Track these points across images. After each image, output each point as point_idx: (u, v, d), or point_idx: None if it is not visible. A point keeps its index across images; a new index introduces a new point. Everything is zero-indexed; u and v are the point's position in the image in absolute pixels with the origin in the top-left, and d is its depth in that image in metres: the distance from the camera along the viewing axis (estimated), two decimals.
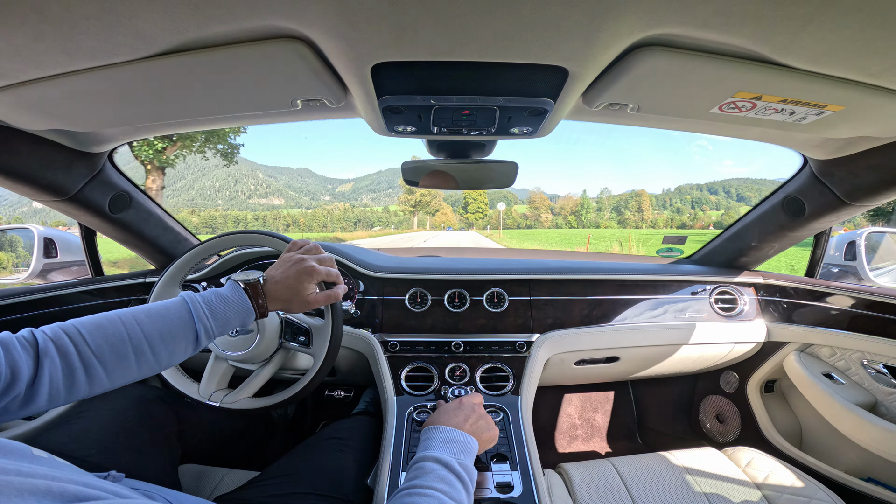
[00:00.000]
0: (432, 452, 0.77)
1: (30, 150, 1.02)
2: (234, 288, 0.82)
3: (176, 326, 0.74)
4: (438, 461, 0.75)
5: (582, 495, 1.13)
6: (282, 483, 0.96)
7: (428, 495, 0.66)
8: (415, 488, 0.68)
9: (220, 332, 0.80)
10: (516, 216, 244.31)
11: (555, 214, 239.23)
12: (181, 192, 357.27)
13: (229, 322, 0.80)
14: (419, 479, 0.71)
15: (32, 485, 0.37)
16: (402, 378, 1.32)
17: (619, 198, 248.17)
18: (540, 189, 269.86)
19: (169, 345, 0.73)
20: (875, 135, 0.95)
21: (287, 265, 0.88)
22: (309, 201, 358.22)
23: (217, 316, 0.78)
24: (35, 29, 0.56)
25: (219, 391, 1.13)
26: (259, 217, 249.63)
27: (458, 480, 0.72)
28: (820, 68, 0.65)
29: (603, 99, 0.81)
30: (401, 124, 0.93)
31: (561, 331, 1.48)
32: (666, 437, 2.06)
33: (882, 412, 1.30)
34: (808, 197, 1.31)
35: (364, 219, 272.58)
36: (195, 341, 0.77)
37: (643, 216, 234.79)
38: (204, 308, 0.77)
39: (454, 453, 0.78)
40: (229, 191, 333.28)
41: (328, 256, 0.93)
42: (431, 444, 0.81)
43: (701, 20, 0.55)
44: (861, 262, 1.67)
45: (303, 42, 0.63)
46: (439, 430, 0.85)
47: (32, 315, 1.29)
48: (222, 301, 0.80)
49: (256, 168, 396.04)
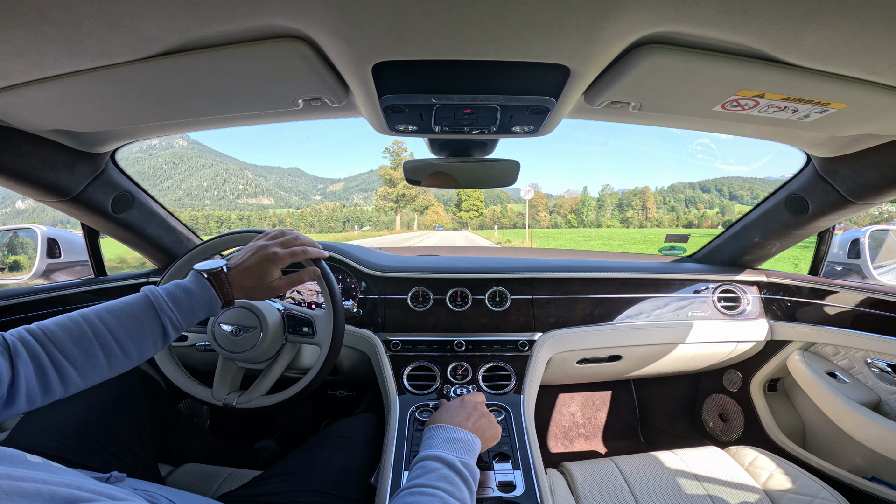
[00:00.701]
0: (435, 451, 0.77)
1: (32, 151, 1.02)
2: (196, 278, 0.83)
3: (141, 322, 0.75)
4: (441, 460, 0.74)
5: (584, 494, 1.12)
6: (286, 481, 0.96)
7: (431, 494, 0.66)
8: (417, 487, 0.68)
9: (188, 324, 0.80)
10: (512, 215, 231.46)
11: (552, 213, 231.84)
12: (168, 192, 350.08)
13: (195, 313, 0.81)
14: (422, 478, 0.71)
15: (21, 488, 0.37)
16: (404, 377, 1.32)
17: (621, 196, 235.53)
18: (537, 186, 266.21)
19: (136, 341, 0.74)
20: (879, 132, 0.95)
21: (250, 253, 0.89)
22: (299, 201, 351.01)
23: (182, 308, 0.79)
24: (37, 30, 0.56)
25: (232, 393, 1.13)
26: (244, 217, 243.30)
27: (460, 480, 0.72)
28: (823, 66, 0.64)
29: (605, 97, 0.81)
30: (402, 123, 0.93)
31: (563, 329, 1.48)
32: (669, 436, 2.06)
33: (886, 411, 1.30)
34: (811, 195, 1.30)
35: (353, 218, 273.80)
36: (163, 335, 0.77)
37: (647, 214, 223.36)
38: (167, 301, 0.78)
39: (457, 452, 0.78)
40: (217, 190, 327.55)
41: (293, 237, 0.94)
42: (434, 443, 0.81)
43: (703, 18, 0.54)
44: (865, 260, 1.66)
45: (304, 41, 0.63)
46: (442, 429, 0.85)
47: (35, 315, 1.30)
48: (185, 293, 0.80)
49: (245, 167, 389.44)
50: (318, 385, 1.10)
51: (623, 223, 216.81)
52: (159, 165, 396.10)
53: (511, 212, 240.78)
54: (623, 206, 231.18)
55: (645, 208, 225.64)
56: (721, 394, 1.90)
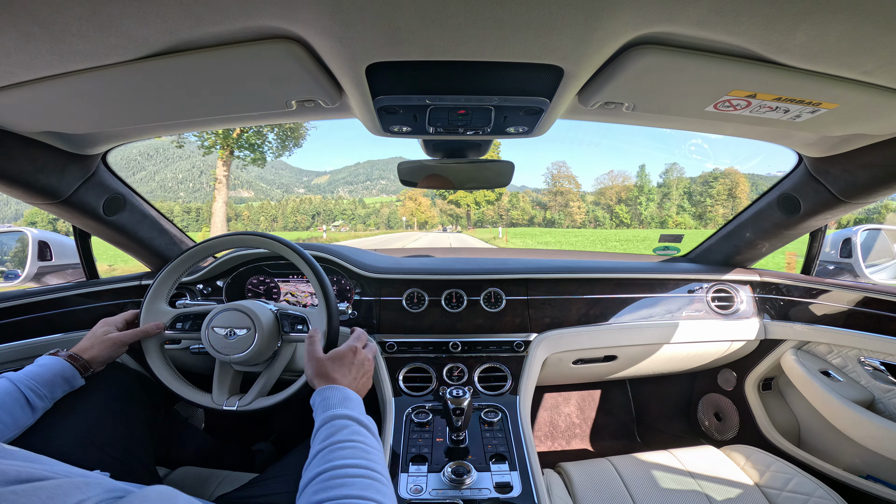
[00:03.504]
0: (340, 410, 0.79)
1: (23, 153, 1.01)
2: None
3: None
4: (349, 418, 0.77)
5: (581, 494, 1.12)
6: (281, 482, 0.96)
7: (352, 447, 0.70)
8: (338, 443, 0.71)
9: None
10: (526, 205, 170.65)
11: (597, 205, 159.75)
12: (140, 185, 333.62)
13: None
14: (338, 433, 0.73)
15: None
16: (399, 379, 1.32)
17: (692, 181, 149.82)
18: (564, 164, 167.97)
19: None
20: (869, 132, 0.96)
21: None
22: (281, 194, 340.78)
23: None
24: (26, 31, 0.55)
25: (232, 396, 1.12)
26: (190, 210, 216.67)
27: (368, 431, 0.76)
28: (814, 66, 0.65)
29: (598, 98, 0.81)
30: (396, 124, 0.93)
31: (558, 330, 1.48)
32: (664, 435, 2.07)
33: (880, 409, 1.30)
34: (803, 195, 1.31)
35: (325, 211, 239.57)
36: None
37: (735, 205, 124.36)
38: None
39: (353, 410, 0.81)
40: (193, 182, 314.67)
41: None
42: (332, 403, 0.82)
43: (695, 19, 0.55)
44: (857, 259, 1.68)
45: (297, 42, 0.63)
46: (335, 390, 0.85)
47: (27, 318, 1.29)
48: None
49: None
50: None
51: (699, 220, 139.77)
52: (133, 157, 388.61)
53: (525, 201, 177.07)
54: (693, 196, 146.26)
55: (733, 197, 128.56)
56: (716, 393, 1.90)
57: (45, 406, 0.90)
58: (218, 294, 1.55)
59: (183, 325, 1.15)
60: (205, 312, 1.12)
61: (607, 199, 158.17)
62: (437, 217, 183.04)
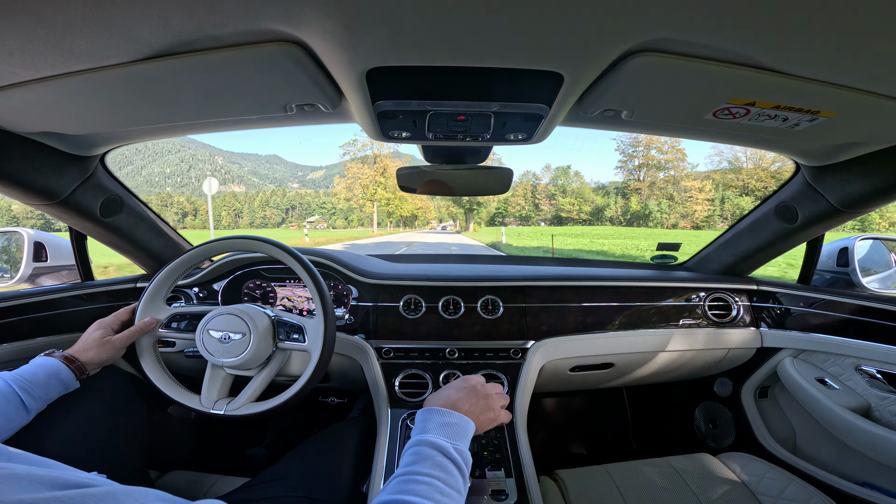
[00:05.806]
0: (429, 437, 0.75)
1: (21, 153, 1.00)
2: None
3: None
4: (435, 446, 0.72)
5: (577, 502, 1.12)
6: (276, 486, 0.95)
7: (426, 483, 0.64)
8: (411, 475, 0.66)
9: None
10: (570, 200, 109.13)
11: (667, 198, 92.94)
12: (126, 179, 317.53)
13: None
14: (416, 465, 0.68)
15: (12, 472, 0.36)
16: (395, 385, 1.31)
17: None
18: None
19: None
20: (868, 141, 0.96)
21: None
22: (274, 188, 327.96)
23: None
24: (28, 30, 0.55)
25: (220, 400, 1.11)
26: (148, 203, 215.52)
27: (454, 467, 0.70)
28: (813, 74, 0.65)
29: (598, 105, 0.82)
30: (396, 129, 0.93)
31: (556, 338, 1.47)
32: (661, 443, 2.06)
33: (876, 417, 1.30)
34: (800, 204, 1.32)
35: (301, 205, 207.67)
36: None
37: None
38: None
39: (450, 438, 0.76)
40: (181, 177, 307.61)
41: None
42: (428, 427, 0.78)
43: (695, 26, 0.55)
44: (854, 269, 1.68)
45: (298, 45, 0.63)
46: (436, 413, 0.81)
47: (22, 319, 1.27)
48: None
49: (216, 153, 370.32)
50: (308, 392, 1.08)
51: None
52: (120, 150, 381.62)
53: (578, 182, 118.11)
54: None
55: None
56: (712, 401, 1.90)
57: (39, 407, 0.88)
58: (213, 298, 1.54)
59: (178, 325, 1.14)
60: (202, 313, 1.11)
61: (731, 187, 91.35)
62: (434, 210, 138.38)
